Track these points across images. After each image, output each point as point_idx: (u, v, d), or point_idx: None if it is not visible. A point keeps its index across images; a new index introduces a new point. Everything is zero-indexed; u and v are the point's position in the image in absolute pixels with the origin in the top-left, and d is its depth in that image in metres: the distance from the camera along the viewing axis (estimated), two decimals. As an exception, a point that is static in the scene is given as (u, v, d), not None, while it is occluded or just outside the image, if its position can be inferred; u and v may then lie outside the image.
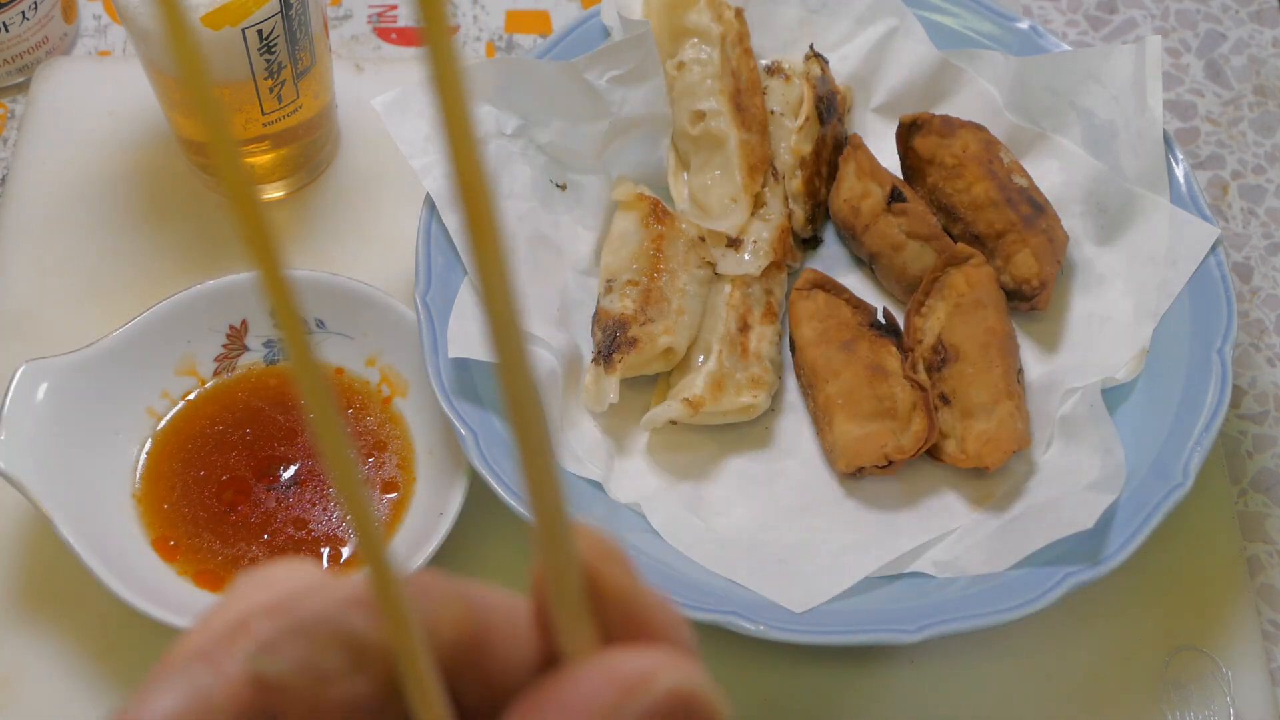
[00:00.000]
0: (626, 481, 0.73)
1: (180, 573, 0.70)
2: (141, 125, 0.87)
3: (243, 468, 0.74)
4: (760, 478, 0.75)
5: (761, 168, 0.80)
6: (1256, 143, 0.92)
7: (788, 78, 0.83)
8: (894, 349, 0.76)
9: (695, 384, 0.73)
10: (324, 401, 0.25)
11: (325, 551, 0.71)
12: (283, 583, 0.30)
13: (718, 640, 0.70)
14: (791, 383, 0.78)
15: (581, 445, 0.73)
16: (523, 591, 0.29)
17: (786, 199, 0.81)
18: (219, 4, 0.73)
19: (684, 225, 0.78)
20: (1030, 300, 0.78)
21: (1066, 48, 0.83)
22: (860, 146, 0.81)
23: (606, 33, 0.83)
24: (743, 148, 0.79)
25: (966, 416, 0.74)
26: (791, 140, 0.81)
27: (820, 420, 0.75)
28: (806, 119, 0.81)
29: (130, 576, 0.67)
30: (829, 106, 0.82)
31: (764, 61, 0.84)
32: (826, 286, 0.78)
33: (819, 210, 0.83)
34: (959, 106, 0.83)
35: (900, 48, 0.84)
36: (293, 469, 0.74)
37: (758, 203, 0.80)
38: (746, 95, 0.81)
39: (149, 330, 0.74)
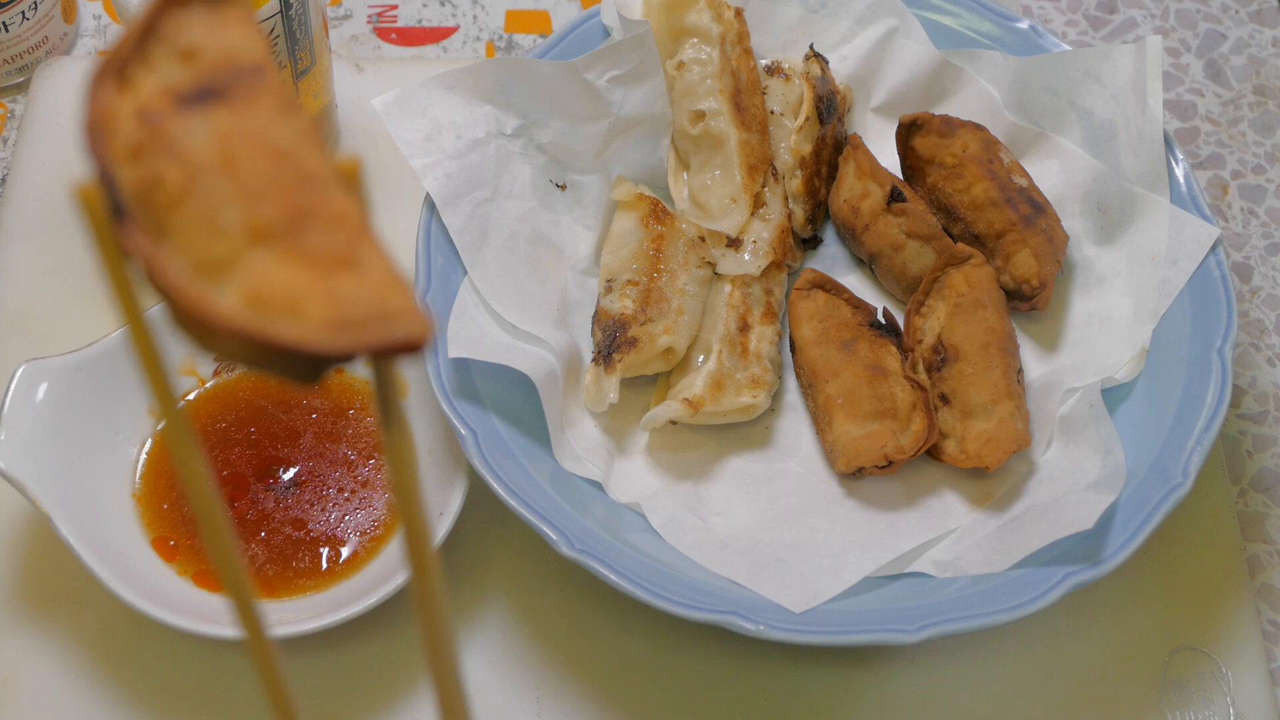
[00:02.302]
0: (626, 481, 0.73)
1: (180, 573, 0.70)
2: (141, 125, 0.87)
3: (242, 466, 0.74)
4: (760, 478, 0.75)
5: (761, 168, 0.80)
6: (1256, 143, 0.92)
7: (788, 78, 0.83)
8: (894, 349, 0.76)
9: (695, 384, 0.73)
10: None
11: (325, 552, 0.71)
12: None
13: (718, 640, 0.70)
14: (791, 383, 0.78)
15: (581, 445, 0.73)
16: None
17: (786, 199, 0.81)
18: (219, 4, 0.73)
19: (684, 225, 0.78)
20: (1030, 300, 0.78)
21: (1066, 47, 0.83)
22: (860, 146, 0.81)
23: (606, 33, 0.83)
24: (743, 148, 0.79)
25: (966, 416, 0.74)
26: (791, 140, 0.81)
27: (820, 420, 0.75)
28: (806, 119, 0.81)
29: (130, 576, 0.67)
30: (829, 106, 0.82)
31: (764, 61, 0.84)
32: (826, 286, 0.78)
33: (819, 210, 0.83)
34: (959, 106, 0.83)
35: (900, 48, 0.84)
36: (293, 470, 0.74)
37: (758, 203, 0.80)
38: (746, 95, 0.81)
39: (149, 330, 0.74)
